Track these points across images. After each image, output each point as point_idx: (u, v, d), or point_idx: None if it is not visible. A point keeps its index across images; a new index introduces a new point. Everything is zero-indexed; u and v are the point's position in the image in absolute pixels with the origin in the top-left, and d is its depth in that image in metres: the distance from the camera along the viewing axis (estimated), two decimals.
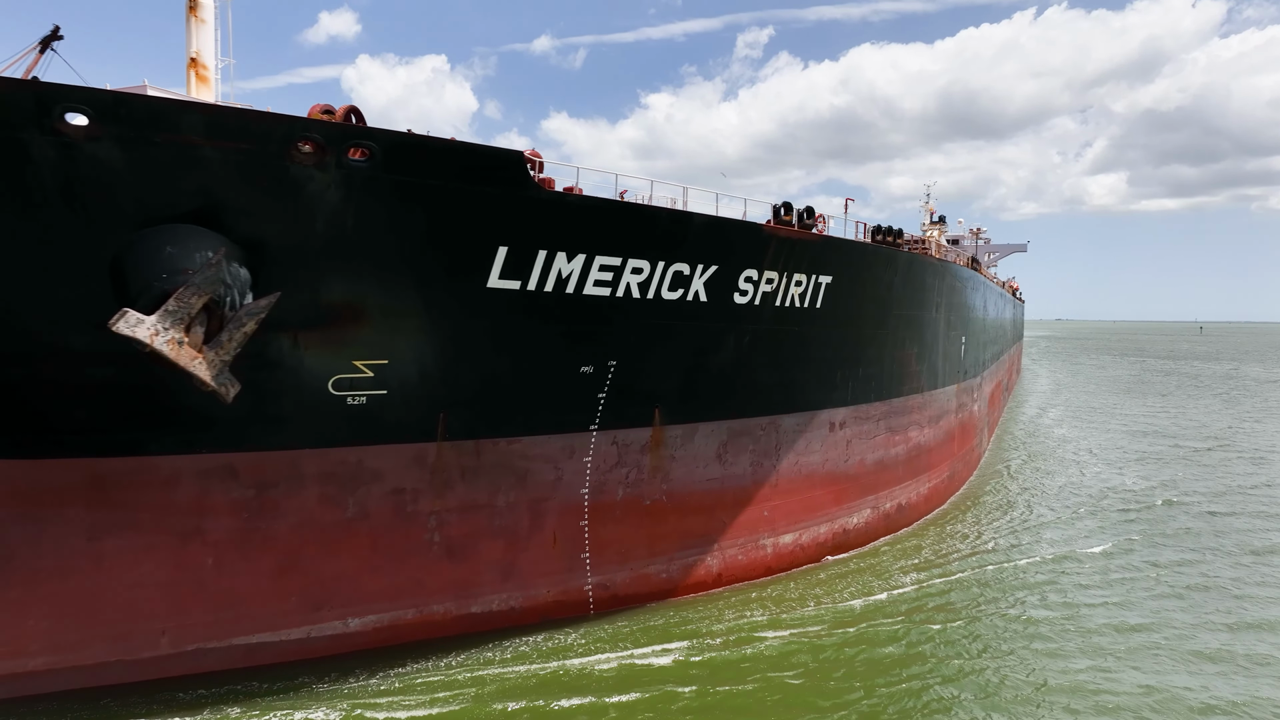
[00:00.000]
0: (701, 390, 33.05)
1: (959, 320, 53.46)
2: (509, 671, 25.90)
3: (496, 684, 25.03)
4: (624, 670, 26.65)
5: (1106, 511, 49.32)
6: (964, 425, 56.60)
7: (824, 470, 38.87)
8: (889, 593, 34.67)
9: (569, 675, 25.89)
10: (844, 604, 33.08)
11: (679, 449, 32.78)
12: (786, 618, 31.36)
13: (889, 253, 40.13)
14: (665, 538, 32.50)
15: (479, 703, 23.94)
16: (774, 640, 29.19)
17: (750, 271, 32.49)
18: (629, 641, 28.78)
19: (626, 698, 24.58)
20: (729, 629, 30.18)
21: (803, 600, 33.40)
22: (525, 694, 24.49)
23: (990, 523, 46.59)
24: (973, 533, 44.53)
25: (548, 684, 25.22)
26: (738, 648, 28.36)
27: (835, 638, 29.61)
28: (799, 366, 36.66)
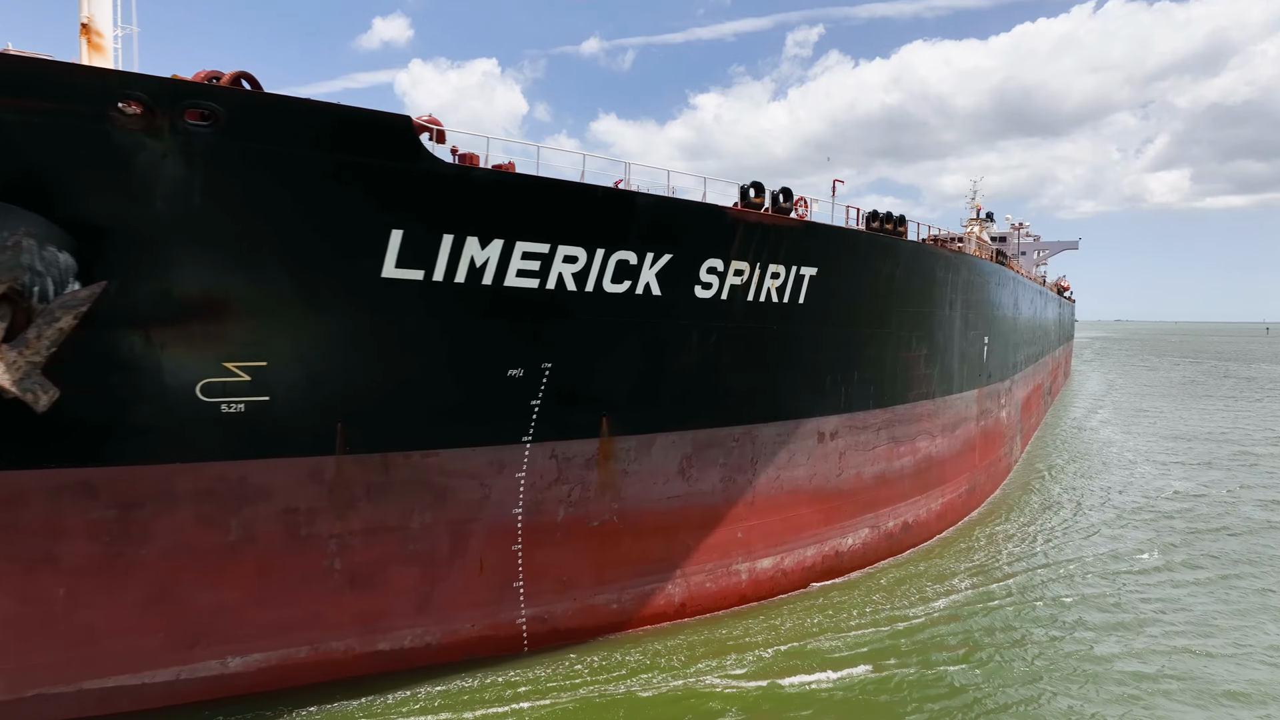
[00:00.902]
0: (660, 397, 29.16)
1: (980, 319, 48.72)
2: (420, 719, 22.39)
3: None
4: (559, 717, 23.03)
5: (1132, 528, 44.27)
6: (988, 434, 51.76)
7: (811, 486, 34.66)
8: (877, 628, 30.41)
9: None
10: (817, 643, 28.91)
11: (633, 463, 28.91)
12: (754, 657, 27.32)
13: (888, 242, 35.78)
14: (617, 563, 28.66)
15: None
16: (735, 687, 25.25)
17: (714, 261, 28.51)
18: (566, 683, 25.09)
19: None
20: (685, 666, 26.31)
21: (776, 635, 29.31)
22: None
23: (1008, 543, 41.85)
24: (987, 554, 39.89)
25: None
26: (696, 691, 24.57)
27: (813, 685, 25.61)
28: (780, 370, 32.54)
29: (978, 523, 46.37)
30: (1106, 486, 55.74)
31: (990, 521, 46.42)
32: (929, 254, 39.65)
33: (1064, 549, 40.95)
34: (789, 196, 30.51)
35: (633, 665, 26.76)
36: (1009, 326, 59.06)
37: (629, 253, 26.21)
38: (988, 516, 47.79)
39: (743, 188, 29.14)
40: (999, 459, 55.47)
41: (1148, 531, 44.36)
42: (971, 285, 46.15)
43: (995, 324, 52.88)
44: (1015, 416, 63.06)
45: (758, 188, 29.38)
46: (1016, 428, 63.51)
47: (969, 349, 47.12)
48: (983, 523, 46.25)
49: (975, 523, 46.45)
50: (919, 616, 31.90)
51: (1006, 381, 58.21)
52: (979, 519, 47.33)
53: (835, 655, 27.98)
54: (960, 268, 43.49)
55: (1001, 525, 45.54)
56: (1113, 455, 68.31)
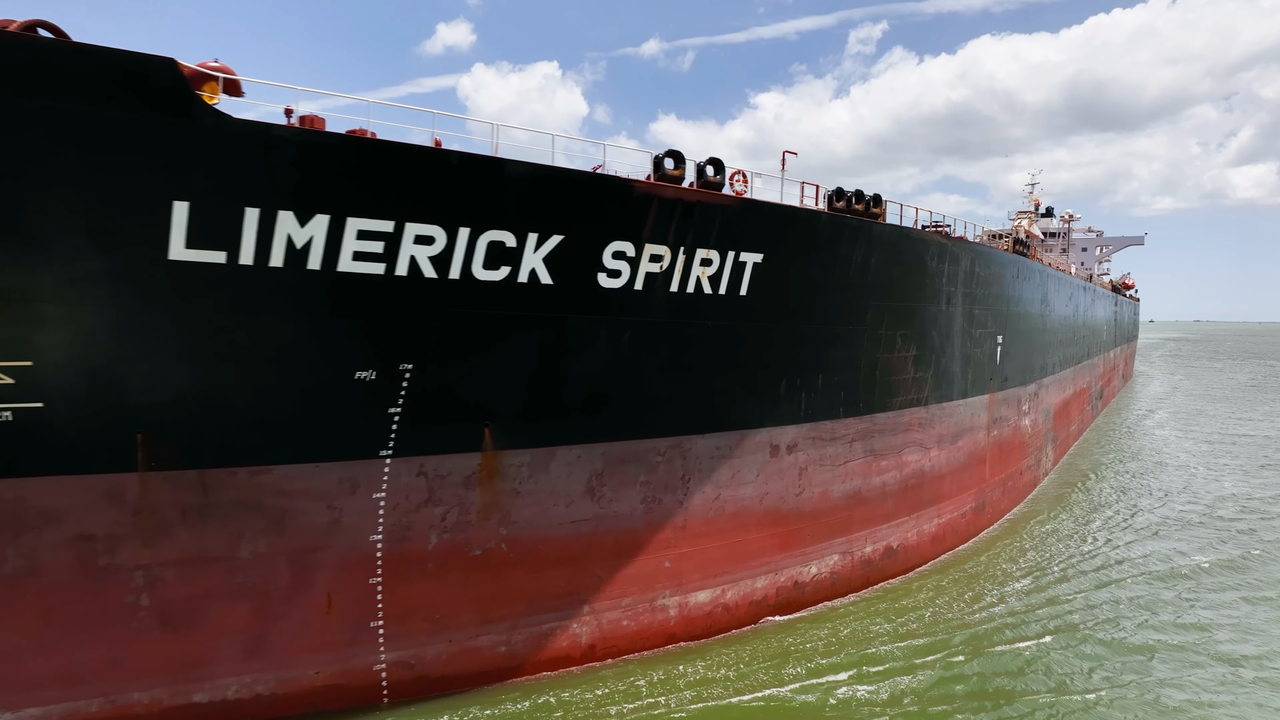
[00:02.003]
0: (560, 404, 24.83)
1: (992, 316, 43.21)
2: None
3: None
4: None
5: (1160, 576, 38.49)
6: (1002, 444, 46.17)
7: (762, 506, 29.95)
8: (836, 674, 25.71)
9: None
10: (757, 694, 24.31)
11: (526, 481, 24.64)
12: (677, 706, 22.87)
13: (857, 226, 30.82)
14: (506, 599, 24.45)
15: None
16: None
17: (622, 245, 24.09)
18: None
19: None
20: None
21: (706, 682, 24.83)
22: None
23: (1014, 575, 36.49)
24: (986, 586, 34.65)
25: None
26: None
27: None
28: (718, 373, 27.94)
29: (983, 547, 40.96)
30: (1141, 506, 49.61)
31: (999, 546, 40.97)
32: (916, 241, 34.52)
33: (1076, 586, 35.47)
34: (720, 168, 25.85)
35: (529, 708, 22.63)
36: (1034, 325, 53.18)
37: (504, 233, 21.93)
38: (998, 540, 42.31)
39: (656, 158, 24.60)
40: (1019, 472, 49.74)
41: (1180, 585, 38.54)
42: (979, 278, 40.74)
43: (1014, 321, 47.21)
44: (1045, 424, 57.05)
45: (676, 157, 24.79)
46: (1047, 437, 57.49)
47: (976, 350, 41.70)
48: (990, 547, 40.83)
49: (980, 547, 41.05)
50: (894, 660, 27.11)
51: (1031, 386, 52.37)
52: (987, 542, 41.90)
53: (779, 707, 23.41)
54: (960, 258, 38.17)
55: (1011, 551, 40.07)
56: (1159, 467, 61.68)
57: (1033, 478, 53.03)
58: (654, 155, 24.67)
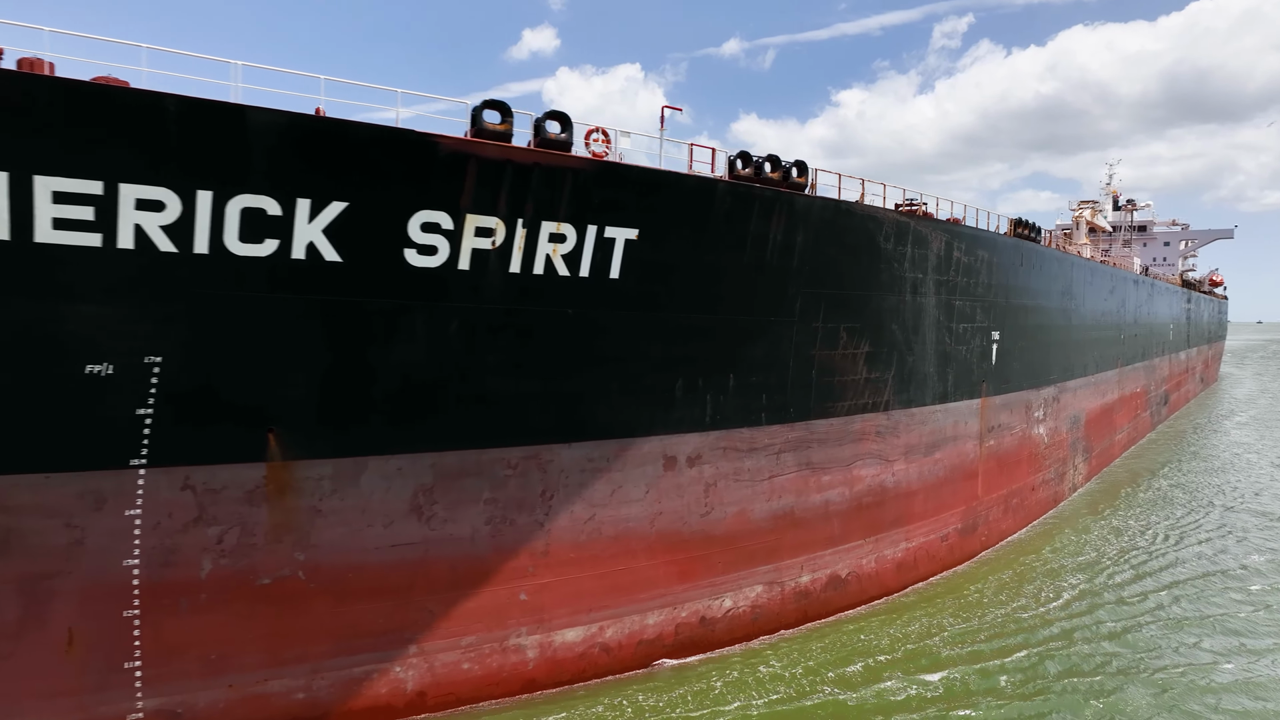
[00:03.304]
0: (367, 406, 20.95)
1: (983, 308, 37.68)
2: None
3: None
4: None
5: (1189, 617, 32.62)
6: (1003, 456, 40.49)
7: (654, 529, 25.53)
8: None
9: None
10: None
11: (329, 497, 20.81)
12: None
13: (771, 198, 26.16)
14: (305, 636, 20.65)
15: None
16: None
17: (433, 215, 20.11)
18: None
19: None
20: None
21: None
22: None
23: (1000, 603, 31.14)
24: (960, 620, 29.46)
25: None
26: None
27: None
28: (585, 370, 23.69)
29: (970, 576, 35.54)
30: (1182, 526, 43.19)
31: (989, 576, 35.49)
32: (861, 218, 29.56)
33: (1075, 636, 29.96)
34: (565, 124, 21.58)
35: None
36: (1052, 320, 47.07)
37: (261, 198, 18.16)
38: (991, 568, 36.79)
39: (475, 109, 20.46)
40: (1031, 488, 43.84)
41: (1222, 634, 32.66)
42: (961, 265, 35.37)
43: (1017, 316, 41.44)
44: (1072, 433, 50.75)
45: (501, 109, 20.61)
46: (1075, 447, 51.16)
47: (959, 347, 36.31)
48: (979, 576, 35.38)
49: (967, 575, 35.63)
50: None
51: (1048, 389, 46.32)
52: (977, 569, 36.43)
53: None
54: (930, 240, 32.93)
55: (1001, 584, 34.58)
56: (1220, 481, 54.54)
57: (1052, 493, 46.93)
58: (472, 106, 20.52)
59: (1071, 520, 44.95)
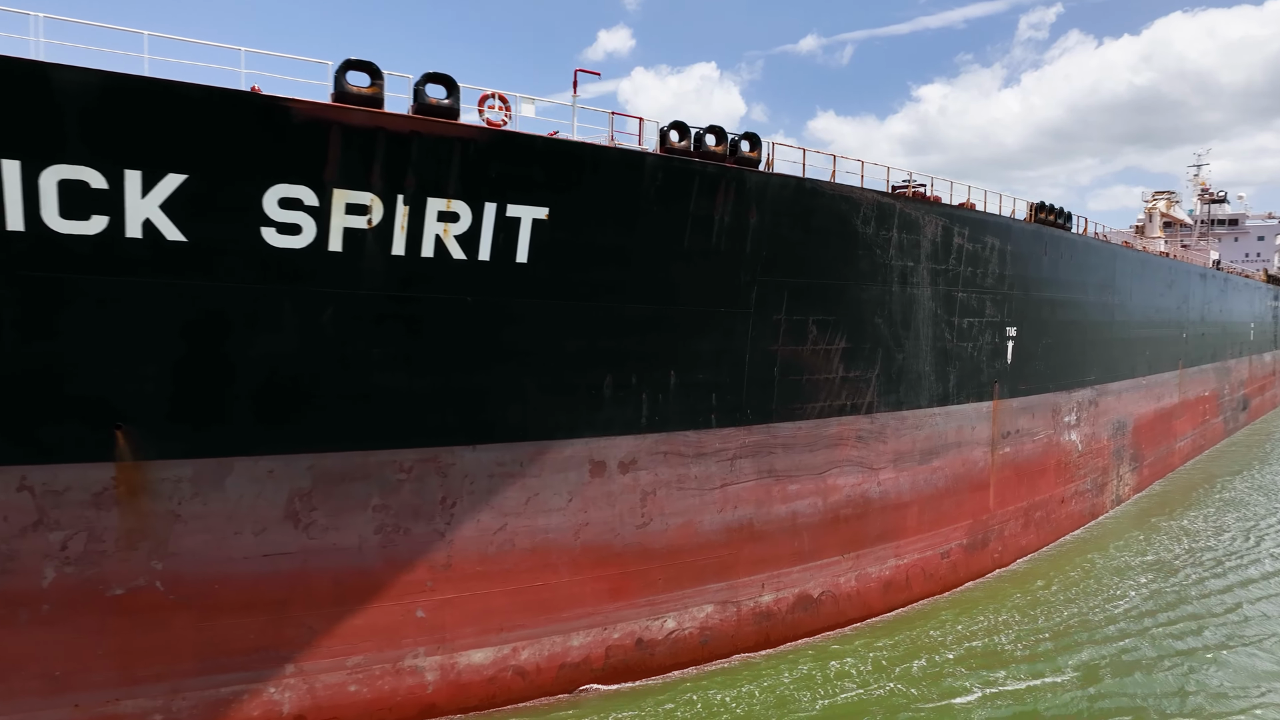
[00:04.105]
0: (230, 402, 19.05)
1: (994, 301, 34.10)
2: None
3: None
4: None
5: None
6: (1022, 464, 36.77)
7: (580, 541, 23.10)
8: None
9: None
10: None
11: (189, 501, 18.98)
12: None
13: (715, 175, 23.49)
14: (164, 653, 18.87)
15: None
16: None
17: (292, 189, 18.09)
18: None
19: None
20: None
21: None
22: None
23: (1003, 641, 27.80)
24: (949, 653, 26.28)
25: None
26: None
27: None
28: (490, 364, 21.42)
29: (976, 598, 32.11)
30: (1238, 550, 38.75)
31: (999, 597, 32.02)
32: (833, 199, 26.58)
33: (1085, 676, 26.53)
34: (451, 88, 19.31)
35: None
36: (1090, 316, 42.86)
37: (80, 169, 16.39)
38: (1004, 588, 33.26)
39: (337, 69, 18.33)
40: (1060, 500, 39.88)
41: None
42: (966, 254, 31.94)
43: (1040, 310, 37.60)
44: (1116, 440, 46.33)
45: (370, 69, 18.45)
46: (1119, 455, 46.72)
47: (964, 344, 32.86)
48: (988, 598, 31.94)
49: (972, 596, 32.22)
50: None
51: (1083, 391, 42.18)
52: (986, 590, 32.96)
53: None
54: (923, 225, 29.66)
55: (1011, 606, 31.09)
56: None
57: (1088, 506, 42.76)
58: (336, 69, 18.40)
59: (1110, 537, 40.81)
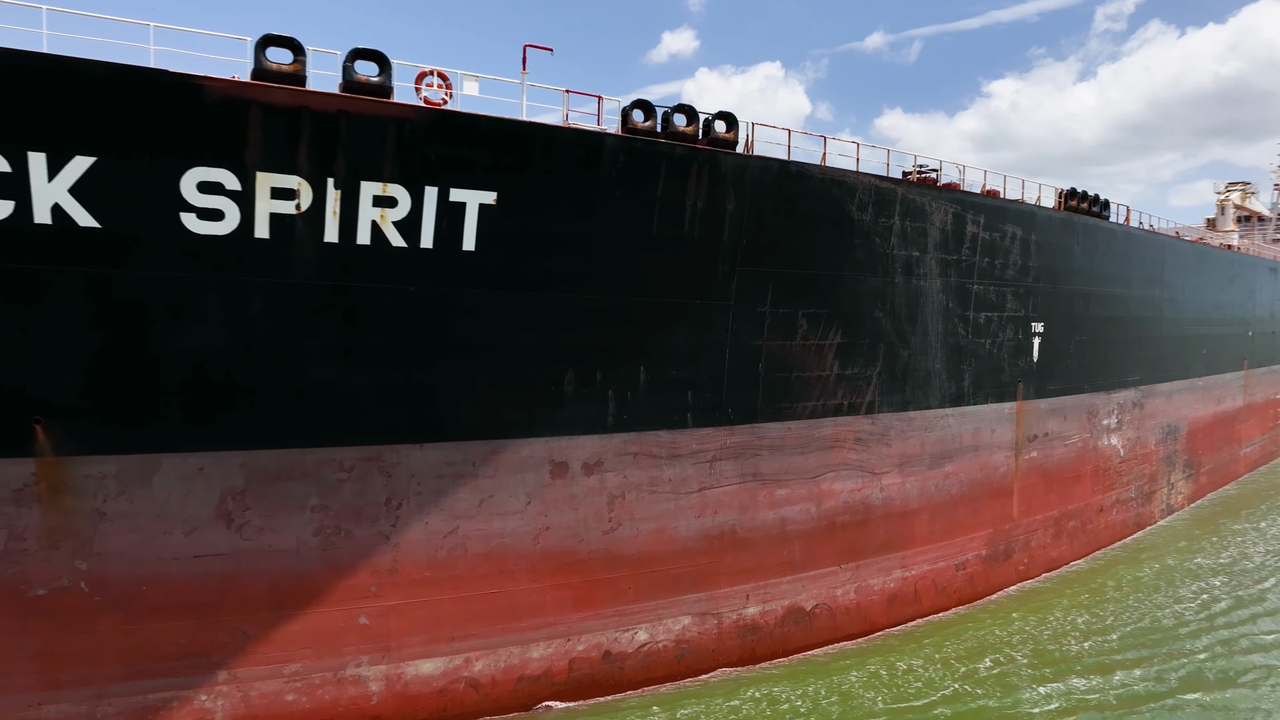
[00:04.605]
0: (156, 396, 18.28)
1: (1017, 295, 31.78)
2: None
3: None
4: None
5: None
6: (1051, 470, 34.33)
7: (540, 547, 21.83)
8: None
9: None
10: None
11: (115, 499, 18.26)
12: None
13: (685, 157, 22.02)
14: (89, 657, 18.18)
15: None
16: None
17: (210, 172, 17.23)
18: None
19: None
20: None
21: None
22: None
23: (1014, 669, 25.72)
24: (950, 670, 24.33)
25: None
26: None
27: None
28: (437, 358, 20.31)
29: (987, 615, 29.95)
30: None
31: (1018, 615, 29.81)
32: (823, 183, 24.85)
33: None
34: (383, 65, 18.24)
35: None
36: (1134, 312, 40.00)
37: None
38: (1026, 604, 30.99)
39: (256, 44, 17.33)
40: (1098, 509, 37.21)
41: None
42: (979, 243, 29.79)
43: (1074, 305, 35.07)
44: (1166, 445, 43.25)
45: (291, 46, 17.47)
46: (1169, 462, 43.62)
47: (981, 341, 30.68)
48: (997, 616, 29.76)
49: (988, 612, 30.05)
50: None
51: (1125, 392, 39.37)
52: (1006, 605, 30.73)
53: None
54: (931, 212, 27.68)
55: (1025, 628, 28.89)
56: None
57: (1131, 516, 39.91)
58: (255, 41, 17.45)
59: (1156, 549, 37.97)
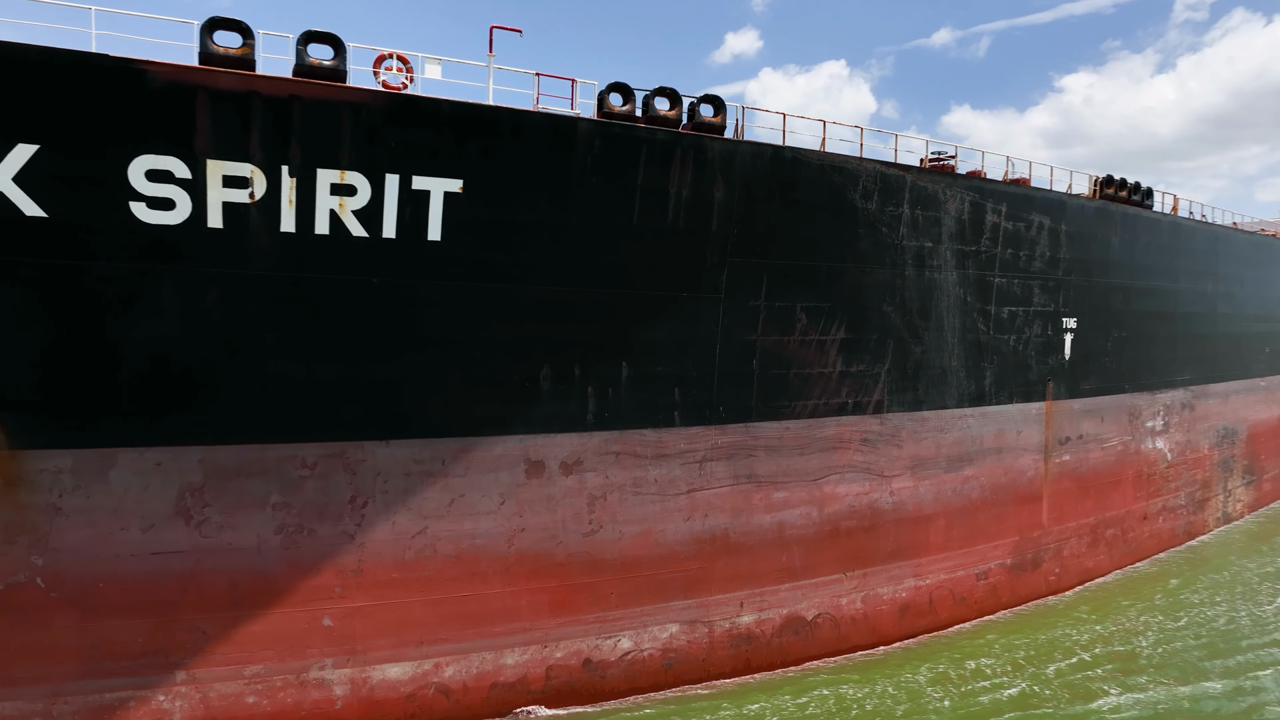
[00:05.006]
0: (111, 389, 17.94)
1: (1045, 289, 29.91)
2: None
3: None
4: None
5: None
6: (1085, 475, 32.32)
7: (514, 549, 21.02)
8: None
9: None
10: None
11: (71, 494, 17.99)
12: None
13: (668, 143, 20.99)
14: (43, 654, 17.94)
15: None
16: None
17: (159, 160, 16.80)
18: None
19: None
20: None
21: None
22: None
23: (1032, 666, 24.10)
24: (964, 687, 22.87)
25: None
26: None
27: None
28: (406, 353, 19.64)
29: (1007, 627, 28.23)
30: None
31: (1047, 628, 28.07)
32: (821, 169, 23.55)
33: None
34: (338, 48, 17.59)
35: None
36: (1185, 306, 37.53)
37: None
38: (1056, 616, 29.19)
39: (202, 26, 16.84)
40: (1140, 516, 35.00)
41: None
42: (1002, 233, 28.07)
43: (1110, 299, 32.99)
44: (1222, 449, 40.60)
45: (240, 29, 16.92)
46: (1226, 467, 40.95)
47: (1005, 337, 28.95)
48: (1018, 630, 28.04)
49: (1009, 625, 28.34)
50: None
51: (1173, 392, 37.01)
52: (1032, 619, 28.97)
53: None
54: (945, 200, 26.12)
55: (1047, 644, 27.15)
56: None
57: (1181, 524, 37.50)
58: (203, 24, 16.92)
59: (1208, 561, 35.58)
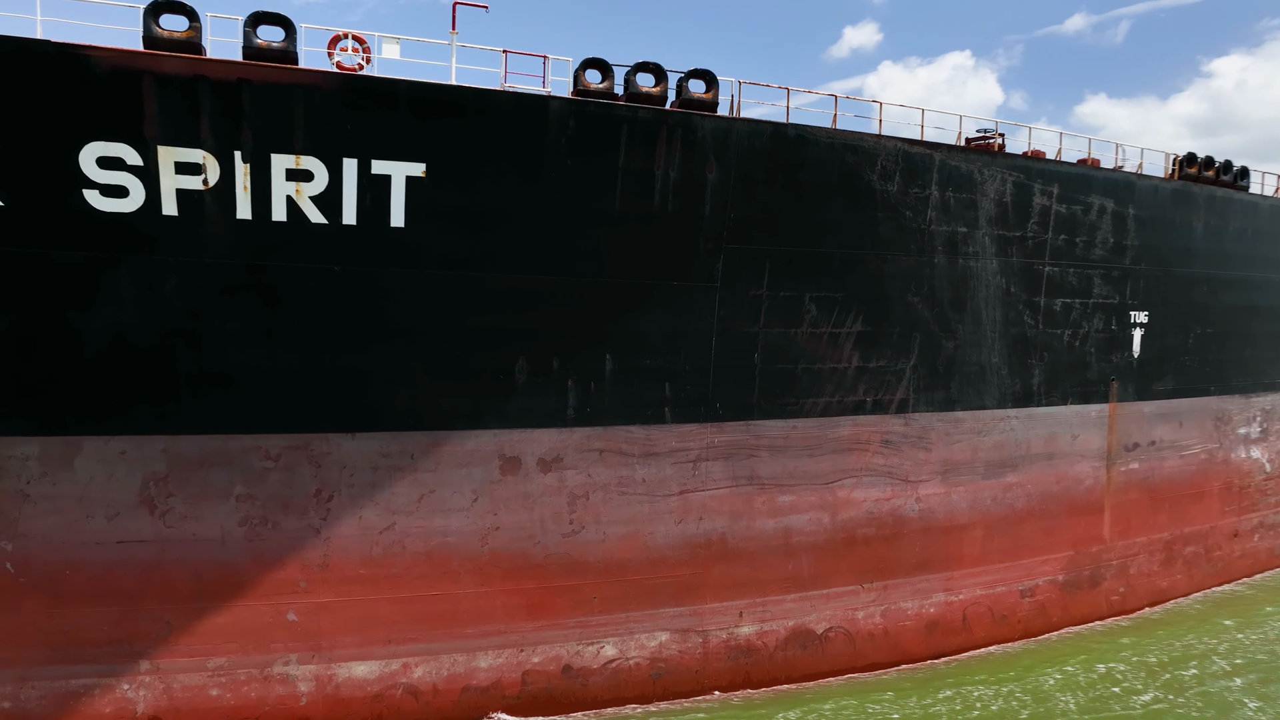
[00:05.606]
0: (74, 376, 17.97)
1: (1114, 281, 26.96)
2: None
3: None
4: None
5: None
6: (1159, 486, 29.21)
7: (488, 548, 20.19)
8: None
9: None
10: None
11: (38, 480, 18.14)
12: None
13: (651, 122, 19.66)
14: (13, 639, 18.14)
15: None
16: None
17: (109, 147, 16.67)
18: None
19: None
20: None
21: None
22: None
23: None
24: None
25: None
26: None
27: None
28: (372, 343, 19.03)
29: (1061, 649, 25.75)
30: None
31: (1121, 649, 25.51)
32: (831, 148, 21.72)
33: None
34: (289, 30, 17.02)
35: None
36: None
37: None
38: (1124, 639, 26.51)
39: (145, 10, 16.46)
40: (1228, 533, 31.52)
41: None
42: (1054, 217, 25.47)
43: (1189, 292, 29.63)
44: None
45: (186, 11, 16.50)
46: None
47: (1058, 331, 26.33)
48: (1074, 651, 25.53)
49: (1062, 647, 25.86)
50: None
51: (1271, 395, 33.19)
52: (1099, 642, 26.38)
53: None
54: (982, 181, 23.82)
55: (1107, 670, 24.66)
56: None
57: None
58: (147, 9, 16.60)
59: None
